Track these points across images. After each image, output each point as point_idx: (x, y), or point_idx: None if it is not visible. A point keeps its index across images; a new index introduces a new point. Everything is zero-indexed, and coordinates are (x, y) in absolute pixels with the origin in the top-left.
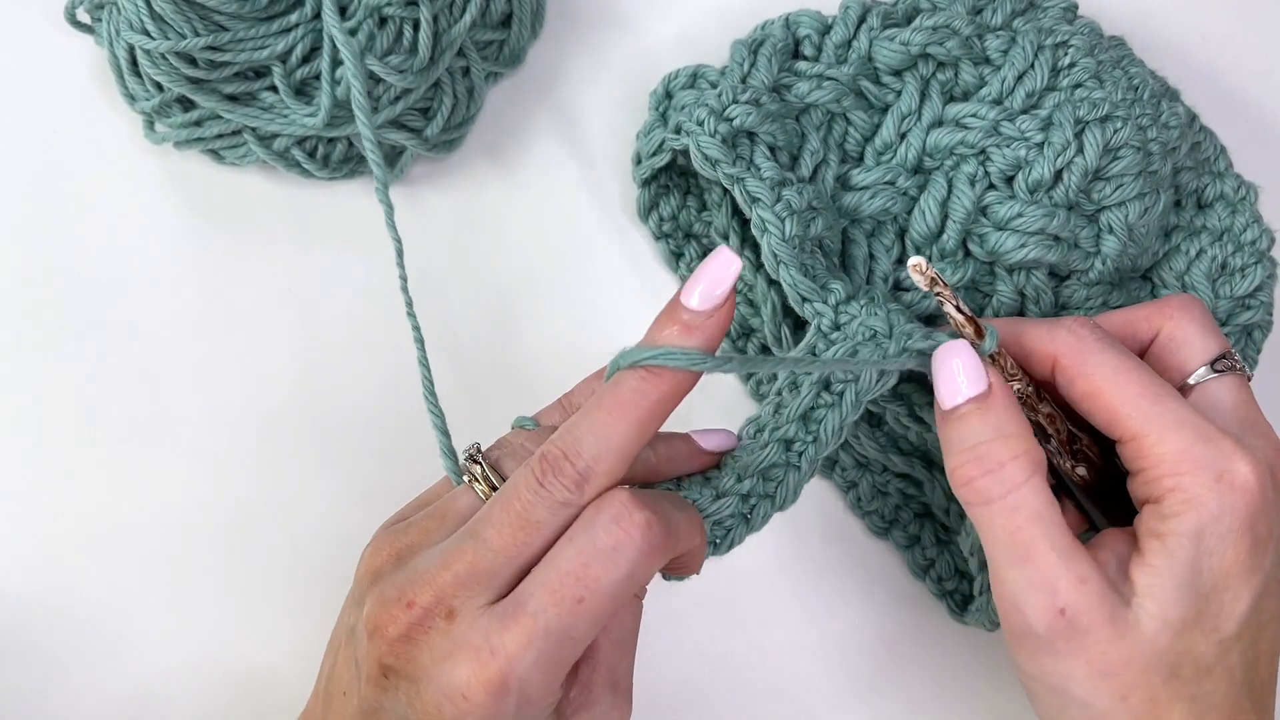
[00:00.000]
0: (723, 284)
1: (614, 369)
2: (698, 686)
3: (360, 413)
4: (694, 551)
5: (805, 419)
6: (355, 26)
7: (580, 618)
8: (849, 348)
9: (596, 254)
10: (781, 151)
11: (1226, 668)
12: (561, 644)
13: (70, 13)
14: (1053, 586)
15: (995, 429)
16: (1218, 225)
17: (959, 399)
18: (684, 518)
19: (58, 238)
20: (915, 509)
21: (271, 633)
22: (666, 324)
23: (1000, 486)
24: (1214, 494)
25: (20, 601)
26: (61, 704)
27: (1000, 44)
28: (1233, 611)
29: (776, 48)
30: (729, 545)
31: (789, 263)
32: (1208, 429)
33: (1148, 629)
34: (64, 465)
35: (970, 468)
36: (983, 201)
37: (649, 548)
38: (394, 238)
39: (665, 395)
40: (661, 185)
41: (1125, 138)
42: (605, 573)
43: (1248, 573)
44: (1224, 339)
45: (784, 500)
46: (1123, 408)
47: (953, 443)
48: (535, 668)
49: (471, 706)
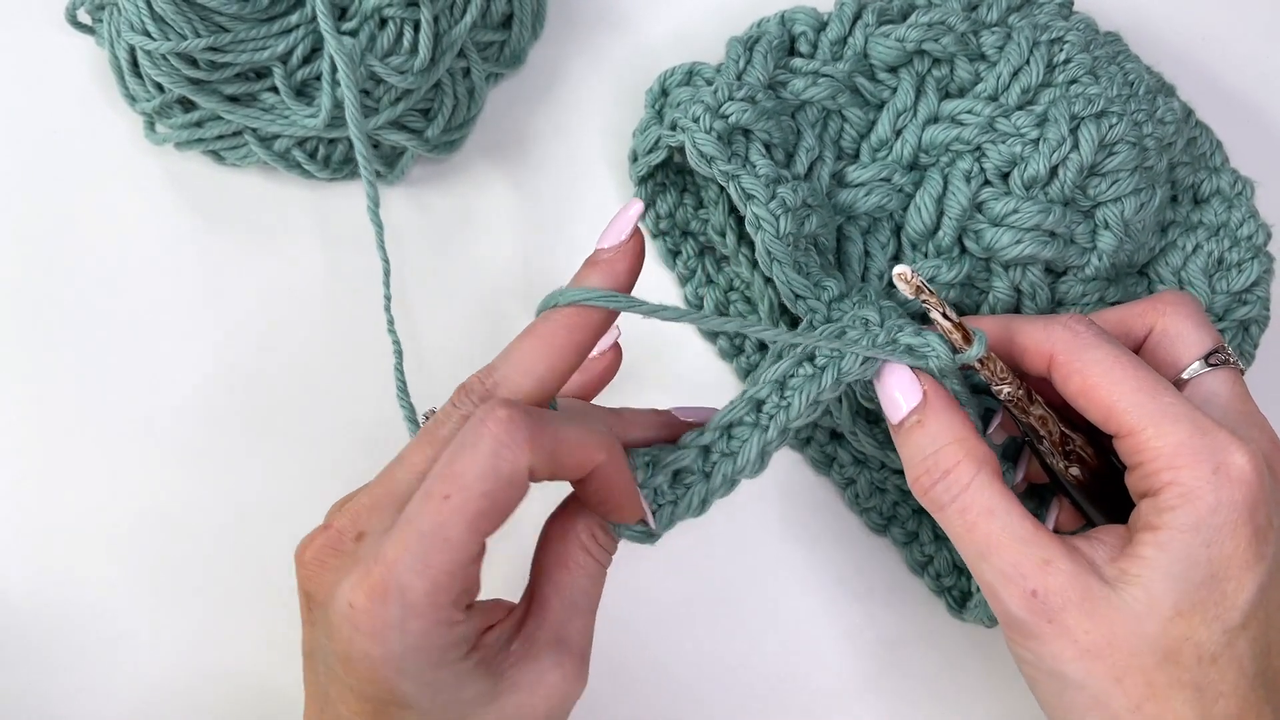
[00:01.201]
0: (626, 223)
1: (538, 312)
2: (697, 685)
3: (361, 413)
4: (609, 479)
5: (781, 384)
6: (355, 28)
7: (450, 515)
8: (838, 329)
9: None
10: (777, 148)
11: (1234, 657)
12: (437, 546)
13: (71, 13)
14: (1018, 572)
15: (936, 439)
16: (1214, 221)
17: (900, 414)
18: (574, 428)
19: (58, 238)
20: (913, 505)
21: (272, 633)
22: (584, 270)
23: (949, 491)
24: (1211, 486)
25: (20, 601)
26: (61, 704)
27: (996, 40)
28: (1236, 601)
29: (772, 44)
30: (691, 505)
31: (783, 260)
32: (1204, 422)
33: (1133, 611)
34: (63, 465)
35: (924, 479)
36: (978, 198)
37: (509, 439)
38: (383, 258)
39: (572, 321)
40: (658, 183)
41: (1120, 133)
42: (466, 466)
43: (1251, 562)
44: (1217, 333)
45: (746, 463)
46: (1119, 403)
47: (906, 458)
48: (413, 572)
49: (356, 614)
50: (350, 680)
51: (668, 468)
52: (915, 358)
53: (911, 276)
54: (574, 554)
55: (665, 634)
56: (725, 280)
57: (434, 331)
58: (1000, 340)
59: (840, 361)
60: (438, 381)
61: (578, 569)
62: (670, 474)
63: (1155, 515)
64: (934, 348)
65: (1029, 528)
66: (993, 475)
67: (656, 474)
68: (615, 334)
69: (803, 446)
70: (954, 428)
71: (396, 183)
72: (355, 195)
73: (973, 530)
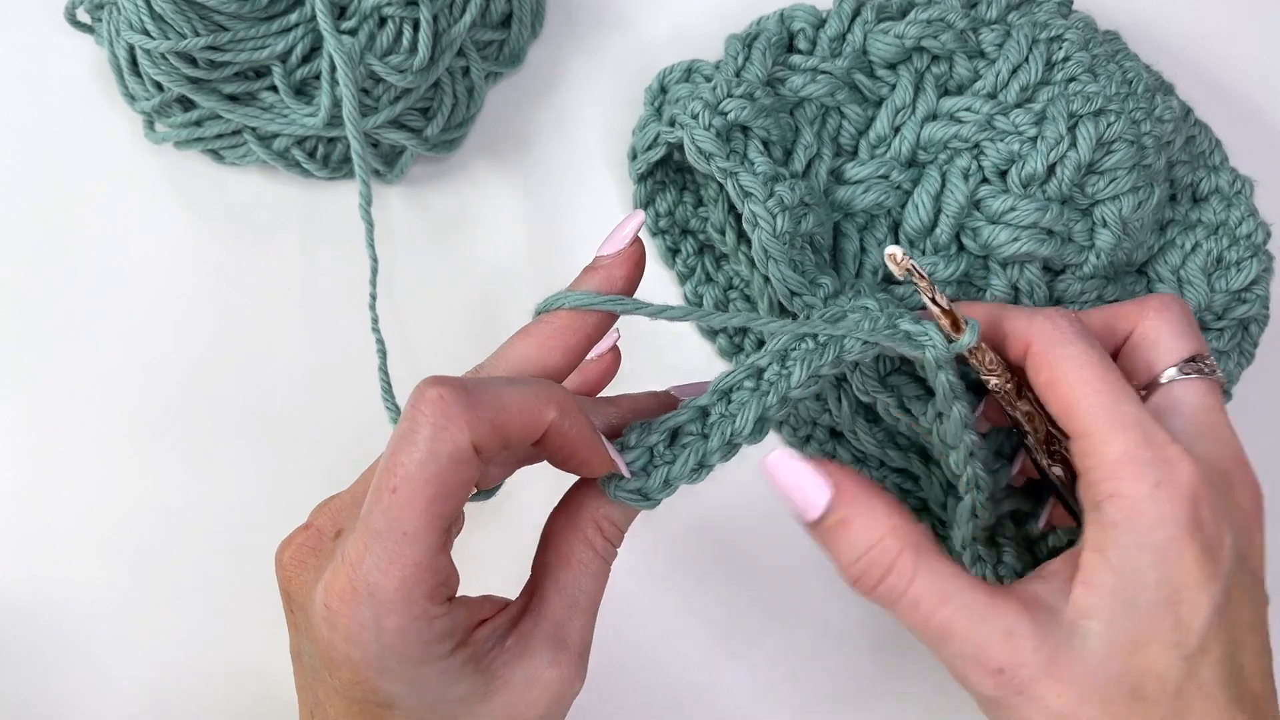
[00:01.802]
0: (627, 232)
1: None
2: (697, 684)
3: (361, 412)
4: (566, 435)
5: (783, 356)
6: (355, 27)
7: (401, 509)
8: (839, 312)
9: (594, 253)
10: (775, 145)
11: (1198, 685)
12: (396, 541)
13: (70, 13)
14: (981, 653)
15: (867, 535)
16: (1213, 219)
17: (818, 511)
18: (514, 390)
19: (58, 237)
20: (912, 504)
21: (270, 632)
22: (583, 276)
23: (896, 588)
24: (1152, 501)
25: (19, 601)
26: (61, 704)
27: (995, 38)
28: (1191, 624)
29: (771, 41)
30: (688, 464)
31: (779, 258)
32: (1157, 435)
33: (1097, 653)
34: (61, 463)
35: (864, 580)
36: (976, 195)
37: (443, 420)
38: (371, 256)
39: (565, 324)
40: (657, 181)
41: (1119, 131)
42: (406, 456)
43: (1202, 581)
44: (1199, 342)
45: (745, 424)
46: (1079, 403)
47: (836, 558)
48: (378, 570)
49: (332, 616)
50: (334, 682)
51: (663, 427)
52: (912, 345)
53: (902, 258)
54: (578, 550)
55: (664, 633)
56: (725, 278)
57: (433, 331)
58: (987, 325)
59: (843, 340)
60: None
61: (580, 566)
62: (668, 435)
63: (1101, 533)
64: (931, 336)
65: (984, 600)
66: (934, 555)
67: (651, 433)
68: (614, 337)
69: (802, 445)
70: (881, 517)
71: (396, 182)
72: (354, 194)
73: (929, 621)
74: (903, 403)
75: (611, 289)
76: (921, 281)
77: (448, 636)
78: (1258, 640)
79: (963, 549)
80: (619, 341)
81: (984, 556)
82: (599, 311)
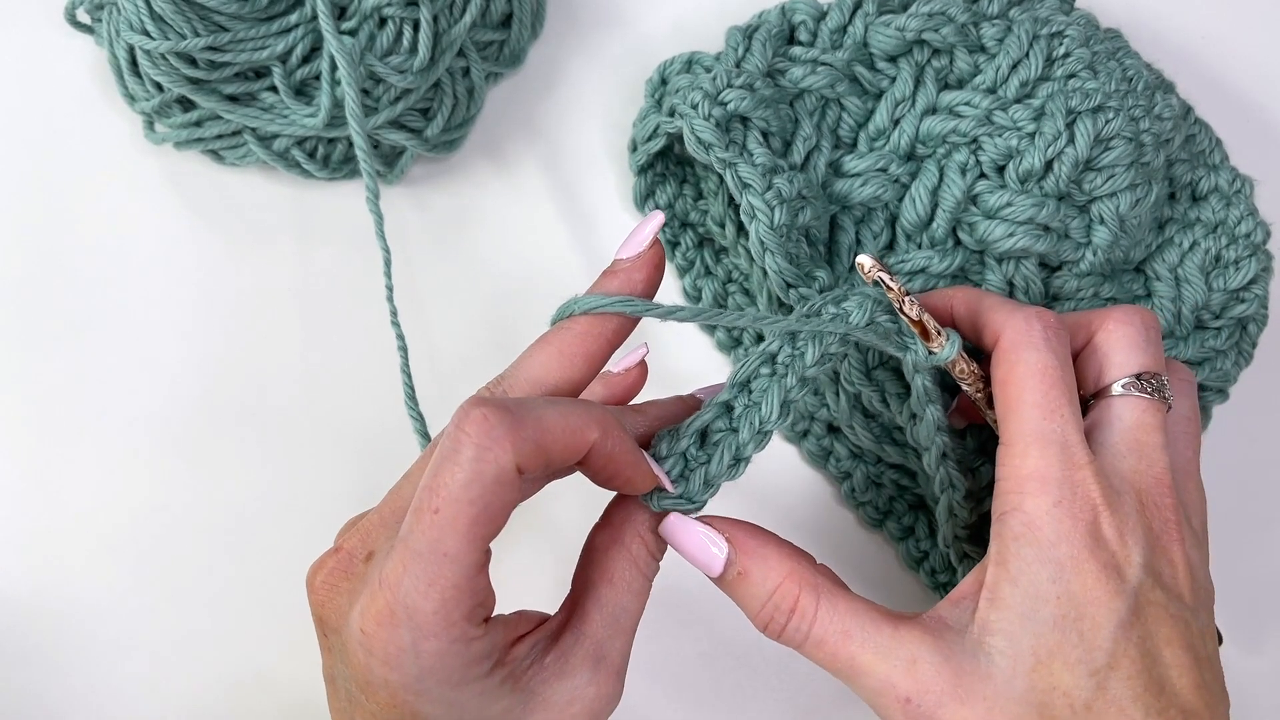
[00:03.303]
0: (646, 234)
1: (553, 321)
2: (696, 684)
3: (361, 412)
4: (610, 455)
5: (793, 337)
6: (355, 27)
7: (443, 530)
8: (840, 295)
9: (596, 253)
10: (774, 136)
11: (1110, 701)
12: (437, 563)
13: (70, 13)
14: (887, 684)
15: (766, 582)
16: (1212, 218)
17: (719, 566)
18: (556, 412)
19: (58, 237)
20: (910, 500)
21: (272, 633)
22: (602, 279)
23: (800, 630)
24: (1051, 519)
25: (19, 601)
26: (61, 704)
27: (996, 32)
28: (1095, 640)
29: (772, 33)
30: (724, 461)
31: (775, 250)
32: (1078, 457)
33: (1002, 670)
34: (62, 463)
35: (772, 626)
36: (973, 190)
37: (488, 441)
38: (383, 248)
39: (585, 330)
40: (657, 173)
41: (1117, 128)
42: (450, 476)
43: (1103, 599)
44: (1155, 359)
45: (772, 410)
46: (1016, 410)
47: (744, 607)
48: (416, 592)
49: (369, 640)
50: (371, 706)
51: (691, 430)
52: (896, 345)
53: (870, 267)
54: (621, 568)
55: (663, 633)
56: (724, 271)
57: (433, 331)
58: (970, 310)
59: (848, 317)
60: (439, 381)
61: (623, 584)
62: (697, 437)
63: (1003, 546)
64: (918, 340)
65: (887, 632)
66: (833, 592)
67: (680, 439)
68: (642, 352)
69: (799, 440)
70: (777, 564)
71: (396, 182)
72: (354, 195)
73: (835, 658)
74: (885, 398)
75: (632, 292)
76: (891, 291)
77: (486, 657)
78: (1183, 655)
79: (947, 547)
80: (647, 356)
81: (971, 554)
82: (618, 317)
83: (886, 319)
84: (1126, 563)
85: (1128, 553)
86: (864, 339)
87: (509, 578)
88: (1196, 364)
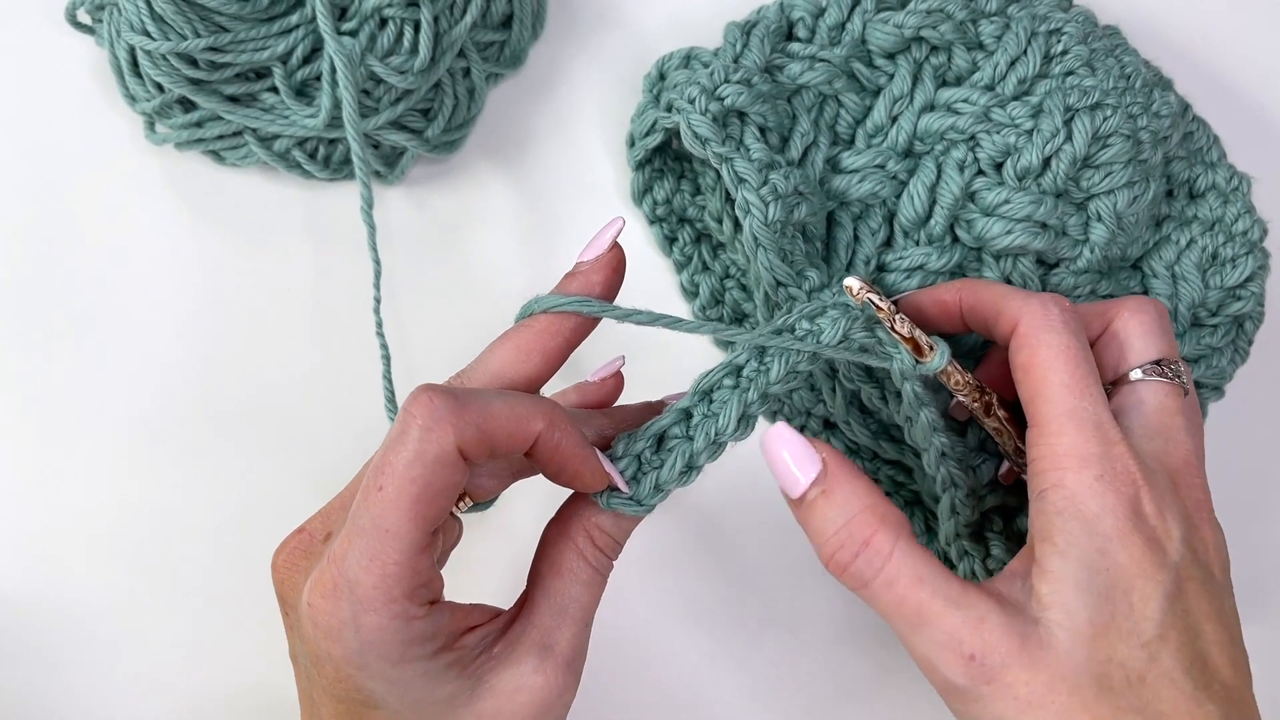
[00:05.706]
0: (606, 238)
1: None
2: (696, 685)
3: (361, 413)
4: (557, 447)
5: (761, 352)
6: (355, 28)
7: (386, 507)
8: (817, 308)
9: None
10: (772, 133)
11: (1162, 673)
12: (379, 539)
13: (71, 13)
14: (955, 637)
15: (846, 509)
16: (1209, 215)
17: (801, 487)
18: (502, 400)
19: (58, 238)
20: (906, 496)
21: (271, 633)
22: (563, 281)
23: (872, 565)
24: (1094, 493)
25: (18, 601)
26: (61, 704)
27: (994, 29)
28: (1145, 612)
29: (770, 29)
30: (675, 467)
31: (768, 246)
32: (1111, 434)
33: (1061, 642)
34: (60, 463)
35: (841, 554)
36: (971, 187)
37: (430, 422)
38: (374, 259)
39: (544, 328)
40: (655, 169)
41: (1115, 126)
42: (395, 455)
43: (1150, 570)
44: (1170, 346)
45: (728, 422)
46: (1044, 391)
47: (814, 534)
48: (359, 567)
49: (315, 613)
50: (322, 681)
51: (648, 434)
52: (879, 357)
53: (858, 290)
54: (568, 559)
55: (662, 633)
56: (721, 267)
57: (433, 331)
58: (980, 301)
59: (819, 335)
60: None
61: (570, 575)
62: (654, 441)
63: (1046, 523)
64: (901, 351)
65: (957, 587)
66: (910, 537)
67: (637, 441)
68: (619, 363)
69: None
70: (862, 493)
71: (396, 183)
72: (355, 196)
73: (904, 603)
74: (885, 395)
75: (590, 293)
76: (881, 310)
77: (428, 639)
78: (1221, 631)
79: (948, 544)
80: (623, 367)
81: (971, 551)
82: (577, 316)
83: (863, 335)
84: (1167, 537)
85: (1168, 528)
86: (837, 356)
87: (471, 576)
88: (1193, 361)
